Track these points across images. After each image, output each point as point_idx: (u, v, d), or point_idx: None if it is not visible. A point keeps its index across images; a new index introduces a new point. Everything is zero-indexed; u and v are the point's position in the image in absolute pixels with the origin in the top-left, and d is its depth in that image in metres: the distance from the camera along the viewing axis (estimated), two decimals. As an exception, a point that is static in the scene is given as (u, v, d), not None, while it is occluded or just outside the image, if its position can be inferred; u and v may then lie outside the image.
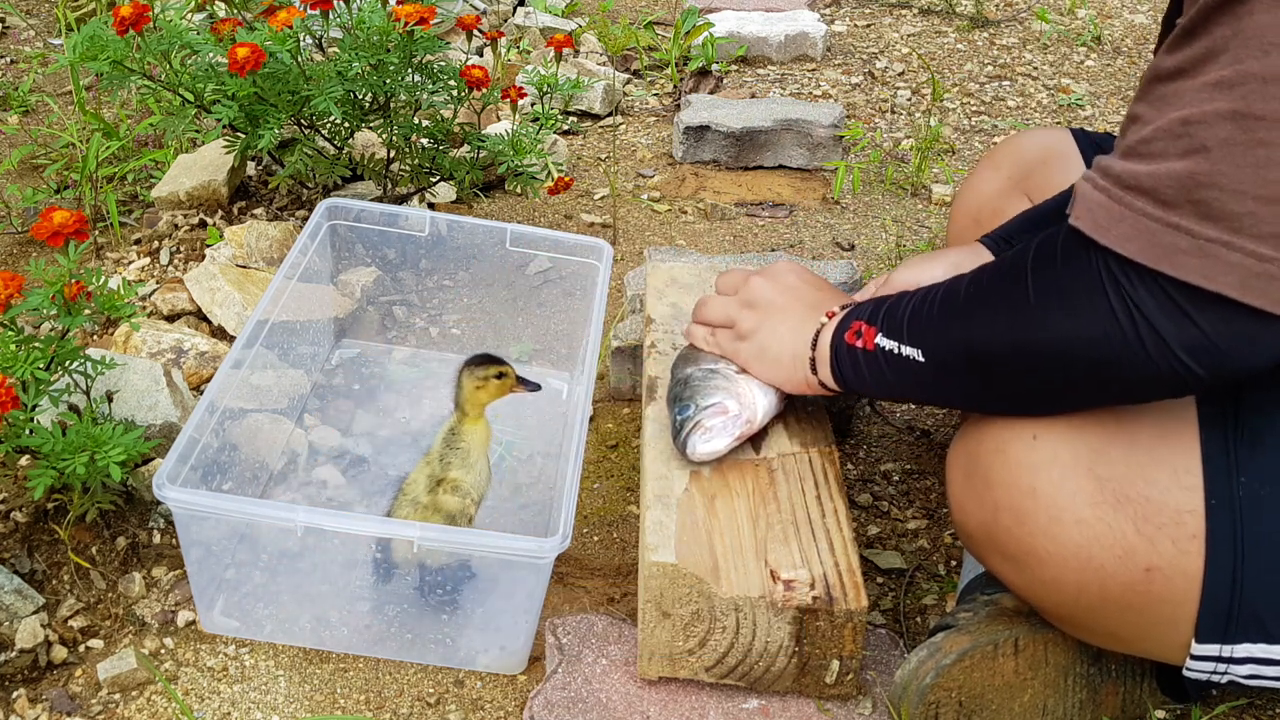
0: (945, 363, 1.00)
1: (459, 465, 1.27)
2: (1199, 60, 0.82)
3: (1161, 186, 0.82)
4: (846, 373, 1.11)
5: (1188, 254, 0.81)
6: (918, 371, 1.02)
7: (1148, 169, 0.83)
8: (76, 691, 1.19)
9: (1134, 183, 0.84)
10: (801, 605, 1.08)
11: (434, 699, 1.20)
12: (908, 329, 1.03)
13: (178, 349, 1.61)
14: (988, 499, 1.01)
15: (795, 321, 1.17)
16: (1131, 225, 0.84)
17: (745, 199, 2.28)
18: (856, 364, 1.08)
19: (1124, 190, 0.85)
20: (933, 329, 1.00)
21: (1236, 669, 0.96)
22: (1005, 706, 1.09)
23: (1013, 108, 2.77)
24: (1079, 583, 0.97)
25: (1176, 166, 0.82)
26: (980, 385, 1.00)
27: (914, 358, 1.02)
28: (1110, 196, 0.86)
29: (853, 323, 1.09)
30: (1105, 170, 0.88)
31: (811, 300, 1.18)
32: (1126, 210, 0.84)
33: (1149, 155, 0.84)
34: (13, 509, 1.33)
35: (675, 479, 1.21)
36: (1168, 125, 0.83)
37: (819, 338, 1.14)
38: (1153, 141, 0.84)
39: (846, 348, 1.09)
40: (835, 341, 1.11)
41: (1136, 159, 0.85)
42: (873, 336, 1.06)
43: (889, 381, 1.06)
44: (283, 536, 1.20)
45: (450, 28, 2.87)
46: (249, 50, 1.59)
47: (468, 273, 1.69)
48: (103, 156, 2.08)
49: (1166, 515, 0.92)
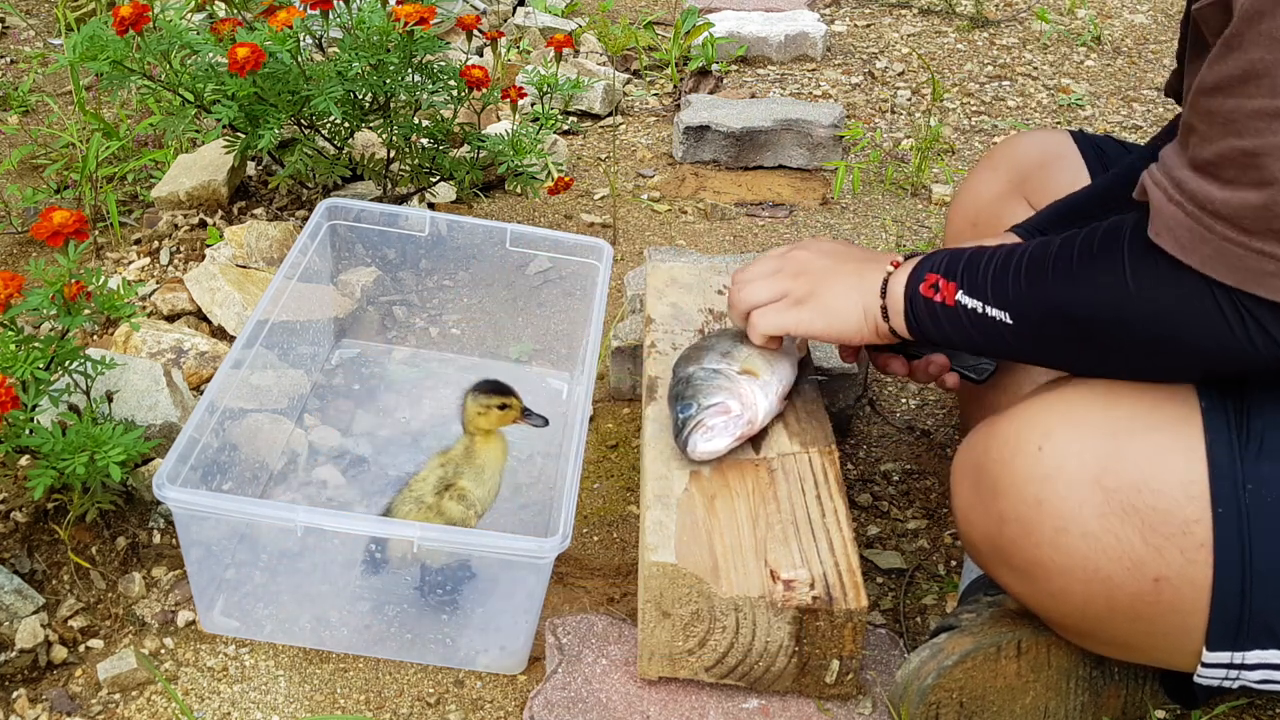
0: (1036, 329, 1.02)
1: (471, 477, 1.27)
2: (1239, 80, 0.85)
3: (1241, 215, 0.86)
4: (923, 323, 1.11)
5: (1275, 276, 0.86)
6: (1004, 333, 1.04)
7: (1222, 195, 0.87)
8: (76, 691, 1.19)
9: (1211, 207, 0.87)
10: (801, 605, 1.08)
11: (434, 699, 1.20)
12: (992, 290, 1.04)
13: (178, 349, 1.61)
14: (994, 510, 1.00)
15: (853, 276, 1.18)
16: (1215, 249, 0.87)
17: (745, 199, 2.28)
18: (935, 316, 1.09)
19: (1202, 211, 0.88)
20: (1021, 295, 1.02)
21: (1249, 674, 0.96)
22: (1007, 708, 1.09)
23: (1013, 108, 2.77)
24: (1086, 594, 0.97)
25: (1251, 197, 0.85)
26: (1072, 354, 1.02)
27: (1001, 319, 1.03)
28: (1188, 214, 0.89)
29: (927, 274, 1.09)
30: (1179, 185, 0.90)
31: (860, 256, 1.20)
32: (1208, 234, 0.87)
33: (1221, 180, 0.87)
34: (13, 509, 1.33)
35: (675, 479, 1.21)
36: (1230, 154, 0.86)
37: (888, 286, 1.14)
38: (1222, 167, 0.87)
39: (924, 300, 1.10)
40: (910, 292, 1.11)
41: (1210, 180, 0.88)
42: (953, 292, 1.07)
43: (972, 337, 1.08)
44: (283, 536, 1.20)
45: (450, 28, 2.87)
46: (249, 50, 1.59)
47: (468, 273, 1.69)
48: (103, 156, 2.08)
49: (1174, 525, 0.92)
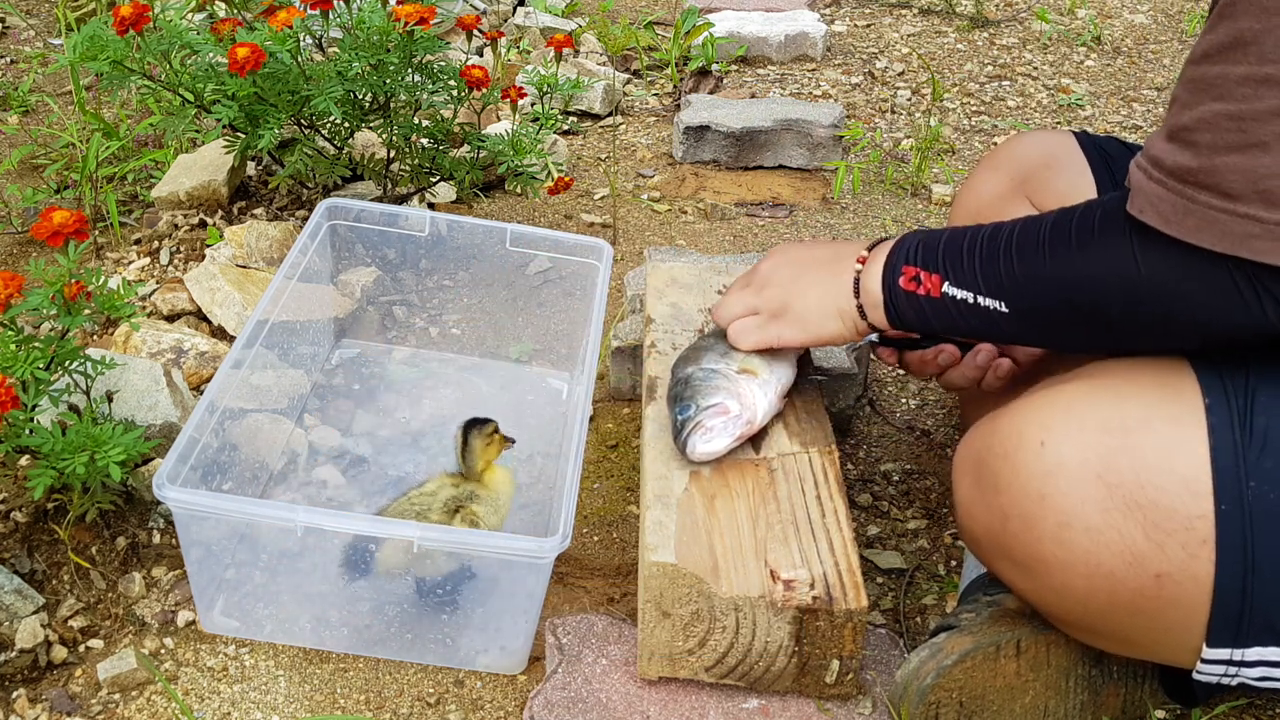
0: (1036, 316, 1.02)
1: (487, 505, 1.27)
2: (1227, 47, 0.85)
3: (1225, 181, 0.86)
4: (906, 316, 1.12)
5: (1261, 239, 0.86)
6: (999, 321, 1.04)
7: (1199, 163, 0.87)
8: (76, 691, 1.19)
9: (1193, 178, 0.88)
10: (801, 605, 1.08)
11: (434, 699, 1.20)
12: (983, 279, 1.04)
13: (178, 349, 1.61)
14: (995, 505, 1.00)
15: (823, 280, 1.18)
16: (1200, 218, 0.88)
17: (745, 199, 2.28)
18: (920, 310, 1.09)
19: (1183, 184, 0.89)
20: (1016, 282, 1.02)
21: (1248, 672, 0.96)
22: (1006, 708, 1.09)
23: (1013, 108, 2.77)
24: (1088, 589, 0.97)
25: (1236, 160, 0.85)
26: (1074, 335, 1.02)
27: (996, 308, 1.04)
28: (1170, 190, 0.90)
29: (904, 267, 1.10)
30: (1157, 162, 0.91)
31: (825, 257, 1.19)
32: (1191, 204, 0.88)
33: (1197, 146, 0.88)
34: (13, 509, 1.33)
35: (675, 479, 1.21)
36: (1211, 117, 0.87)
37: (861, 284, 1.14)
38: (1198, 130, 0.87)
39: (905, 294, 1.10)
40: (888, 286, 1.11)
41: (1184, 148, 0.88)
42: (938, 284, 1.07)
43: (960, 327, 1.08)
44: (283, 536, 1.20)
45: (450, 28, 2.87)
46: (249, 50, 1.59)
47: (468, 273, 1.69)
48: (103, 156, 2.08)
49: (1176, 521, 0.92)
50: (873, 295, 1.13)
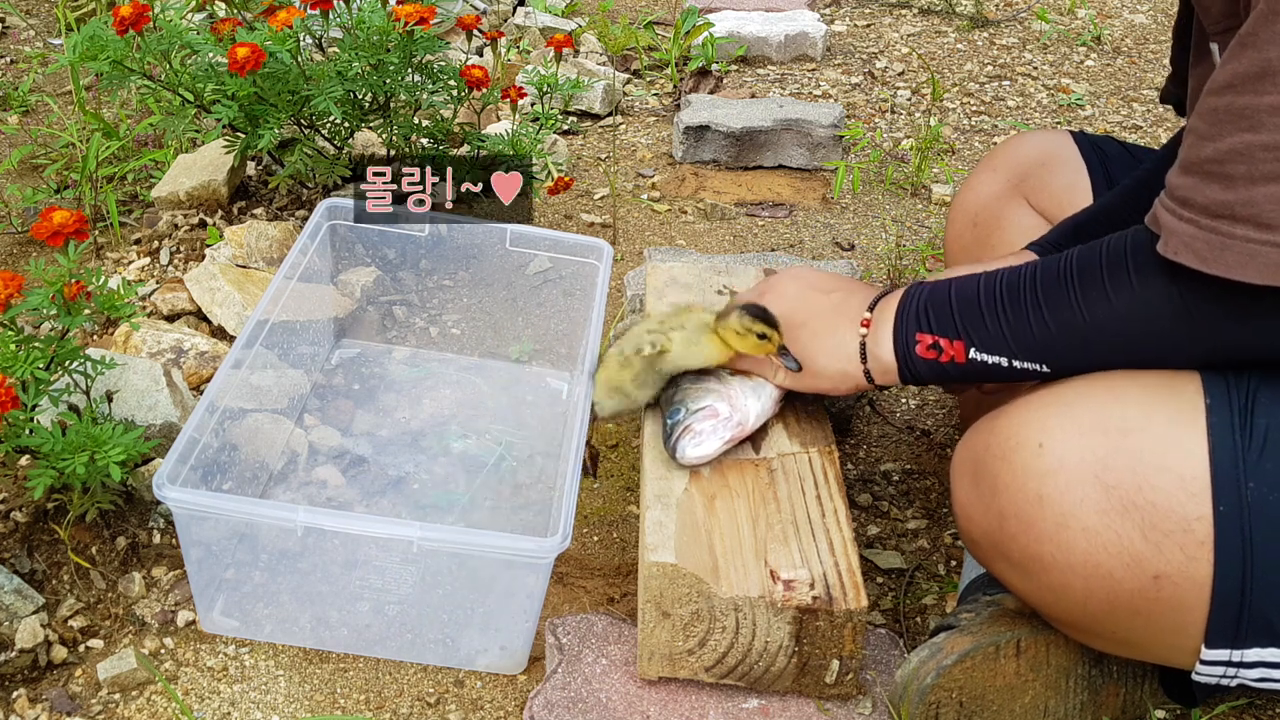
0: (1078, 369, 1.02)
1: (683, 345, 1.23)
2: (1254, 77, 0.85)
3: (1264, 212, 0.86)
4: (926, 378, 1.12)
5: None
6: (1033, 375, 1.05)
7: (1237, 195, 0.86)
8: (76, 691, 1.19)
9: (1228, 211, 0.87)
10: (801, 605, 1.08)
11: (434, 699, 1.20)
12: (1014, 342, 1.03)
13: (178, 349, 1.61)
14: (994, 506, 1.00)
15: (824, 336, 1.17)
16: (1241, 253, 0.87)
17: (745, 199, 2.28)
18: (943, 373, 1.10)
19: (1217, 220, 0.88)
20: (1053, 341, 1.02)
21: (1247, 673, 0.96)
22: (1006, 707, 1.09)
23: (1013, 108, 2.77)
24: (1086, 590, 0.97)
25: (1275, 190, 0.85)
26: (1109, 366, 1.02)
27: (1035, 370, 1.04)
28: (1202, 228, 0.89)
29: (919, 335, 1.09)
30: (1185, 201, 0.90)
31: (827, 308, 1.18)
32: (1229, 240, 0.87)
33: (1226, 179, 0.87)
34: (13, 509, 1.33)
35: (675, 479, 1.21)
36: (1243, 148, 0.86)
37: (867, 351, 1.13)
38: (1229, 163, 0.86)
39: (924, 361, 1.10)
40: (902, 355, 1.11)
41: (1210, 181, 0.88)
42: (962, 350, 1.07)
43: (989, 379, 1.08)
44: (283, 536, 1.20)
45: (450, 28, 2.87)
46: (249, 50, 1.59)
47: (468, 273, 1.69)
48: (103, 156, 2.08)
49: (1174, 522, 0.92)
50: (883, 363, 1.12)
